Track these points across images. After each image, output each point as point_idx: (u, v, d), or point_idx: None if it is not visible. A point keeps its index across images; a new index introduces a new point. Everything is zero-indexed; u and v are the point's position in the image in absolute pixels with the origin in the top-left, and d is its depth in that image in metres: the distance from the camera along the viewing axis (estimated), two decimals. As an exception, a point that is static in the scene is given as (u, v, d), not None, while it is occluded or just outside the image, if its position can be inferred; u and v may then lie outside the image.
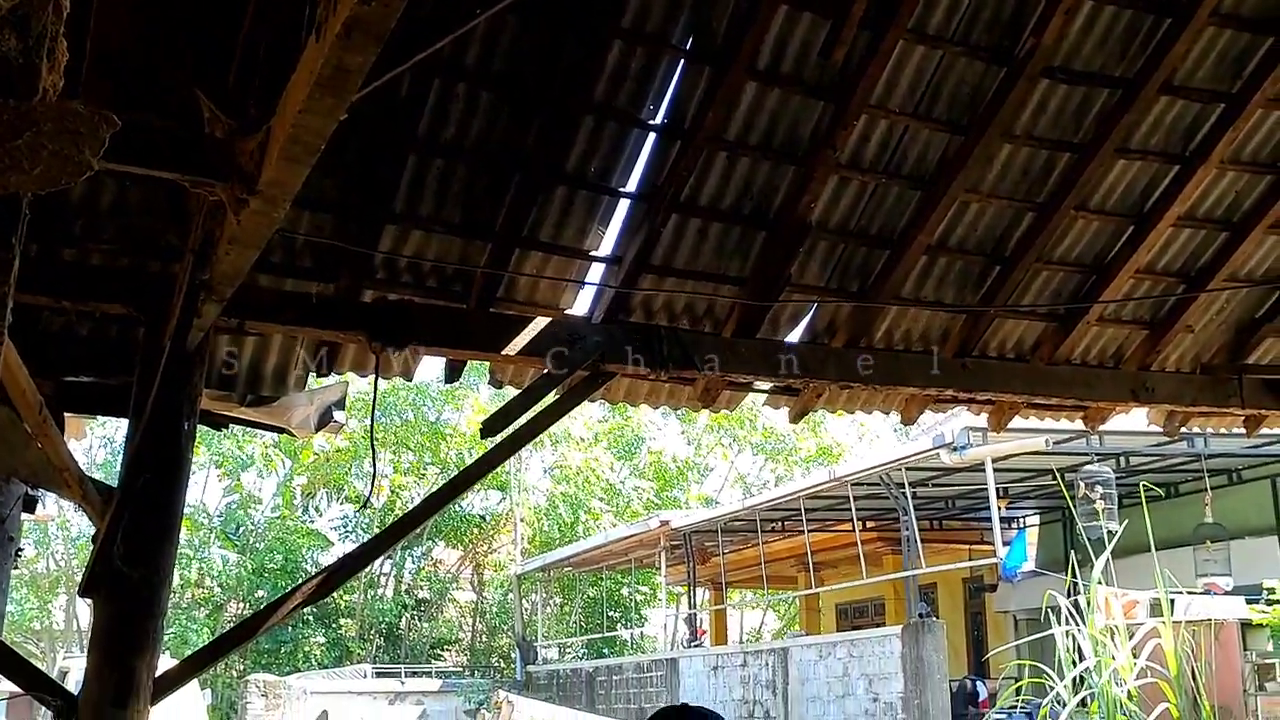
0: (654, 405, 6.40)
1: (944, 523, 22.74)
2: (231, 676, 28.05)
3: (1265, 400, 6.63)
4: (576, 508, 31.40)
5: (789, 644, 20.42)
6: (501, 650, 33.15)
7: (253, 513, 31.30)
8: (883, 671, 16.46)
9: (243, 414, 5.46)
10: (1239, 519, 17.09)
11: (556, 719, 13.61)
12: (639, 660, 24.82)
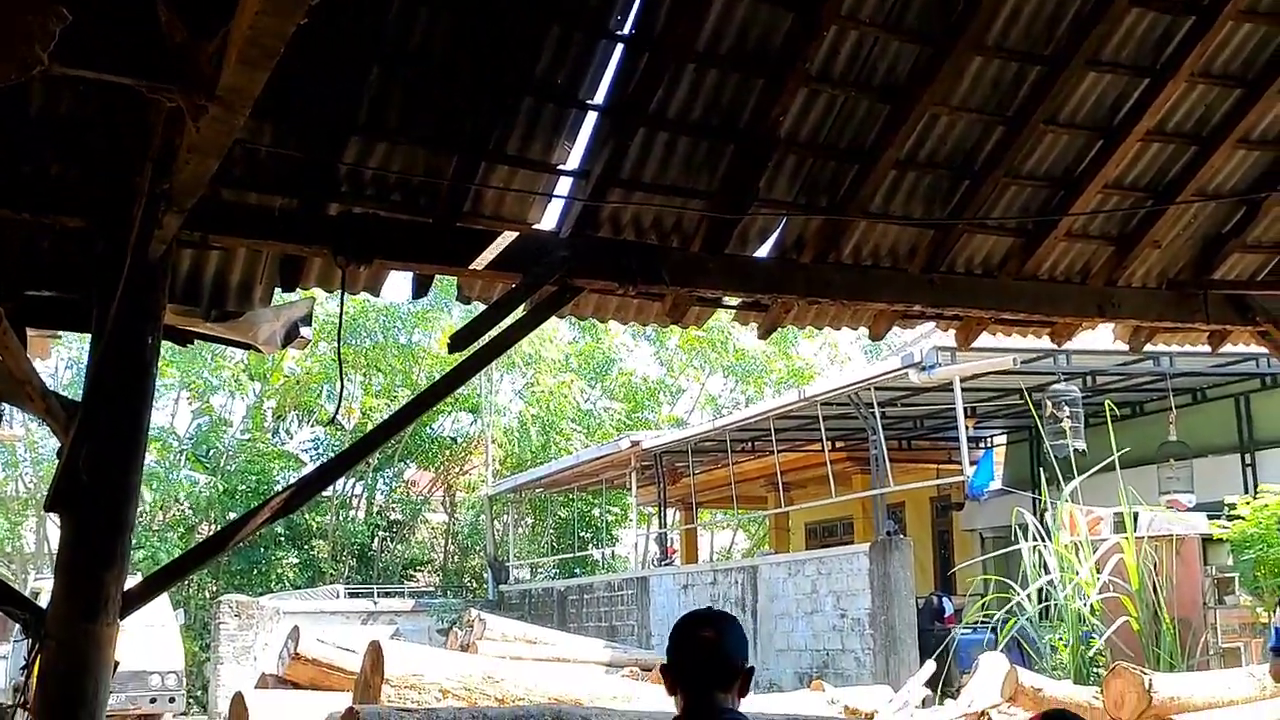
0: (622, 321, 6.39)
1: (912, 443, 22.93)
2: (204, 597, 28.15)
3: (1230, 316, 6.68)
4: (548, 429, 31.46)
5: (758, 562, 20.64)
6: (473, 571, 33.36)
7: (223, 435, 31.22)
8: (851, 588, 16.66)
9: (208, 329, 5.42)
10: (1202, 438, 17.31)
11: (528, 635, 13.72)
12: (610, 579, 25.04)
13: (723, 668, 3.16)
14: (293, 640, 7.76)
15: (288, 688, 7.60)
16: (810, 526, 26.83)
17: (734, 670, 3.17)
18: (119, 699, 17.24)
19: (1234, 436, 17.61)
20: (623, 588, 23.37)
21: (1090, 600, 12.73)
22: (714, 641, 3.20)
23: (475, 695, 6.48)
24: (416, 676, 6.35)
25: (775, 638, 18.15)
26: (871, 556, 16.23)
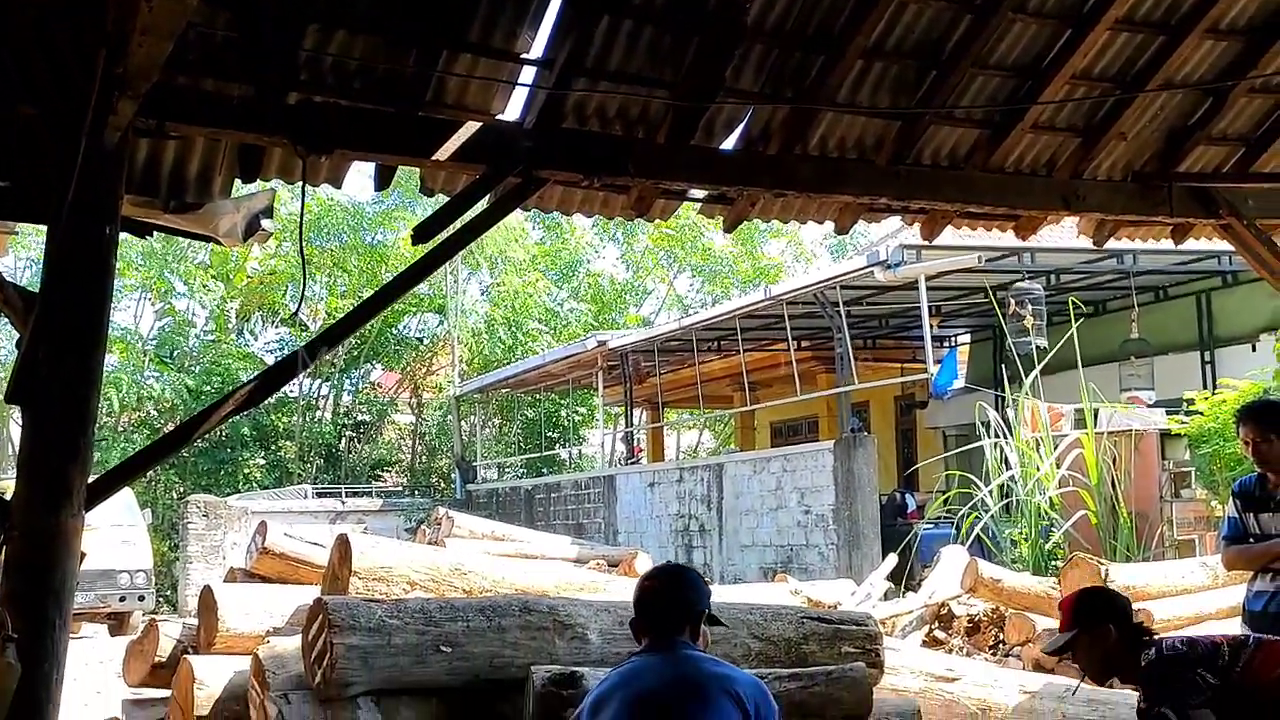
0: (587, 214, 6.35)
1: (877, 342, 23.06)
2: (172, 498, 28.20)
3: (1193, 209, 6.70)
4: (514, 330, 31.43)
5: (724, 460, 20.83)
6: (441, 471, 33.52)
7: (187, 336, 31.04)
8: (815, 485, 16.86)
9: (167, 221, 5.35)
10: (1164, 335, 17.49)
11: (496, 532, 13.81)
12: (577, 478, 25.23)
13: (680, 613, 3.61)
14: (260, 535, 7.77)
15: (256, 582, 7.63)
16: (776, 426, 27.05)
17: (691, 616, 3.62)
18: (89, 597, 17.34)
19: (1194, 334, 17.79)
20: (590, 486, 23.57)
21: (1050, 495, 12.94)
22: (669, 591, 3.70)
23: (443, 587, 6.53)
24: (384, 569, 6.38)
25: (740, 534, 18.39)
26: (836, 454, 16.40)
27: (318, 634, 5.25)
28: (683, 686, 3.37)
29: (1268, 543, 5.51)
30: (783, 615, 6.40)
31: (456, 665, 5.42)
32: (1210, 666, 4.07)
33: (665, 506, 20.45)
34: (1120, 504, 12.64)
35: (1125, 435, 13.14)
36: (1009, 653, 9.83)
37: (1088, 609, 4.33)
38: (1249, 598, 5.62)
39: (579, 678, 5.29)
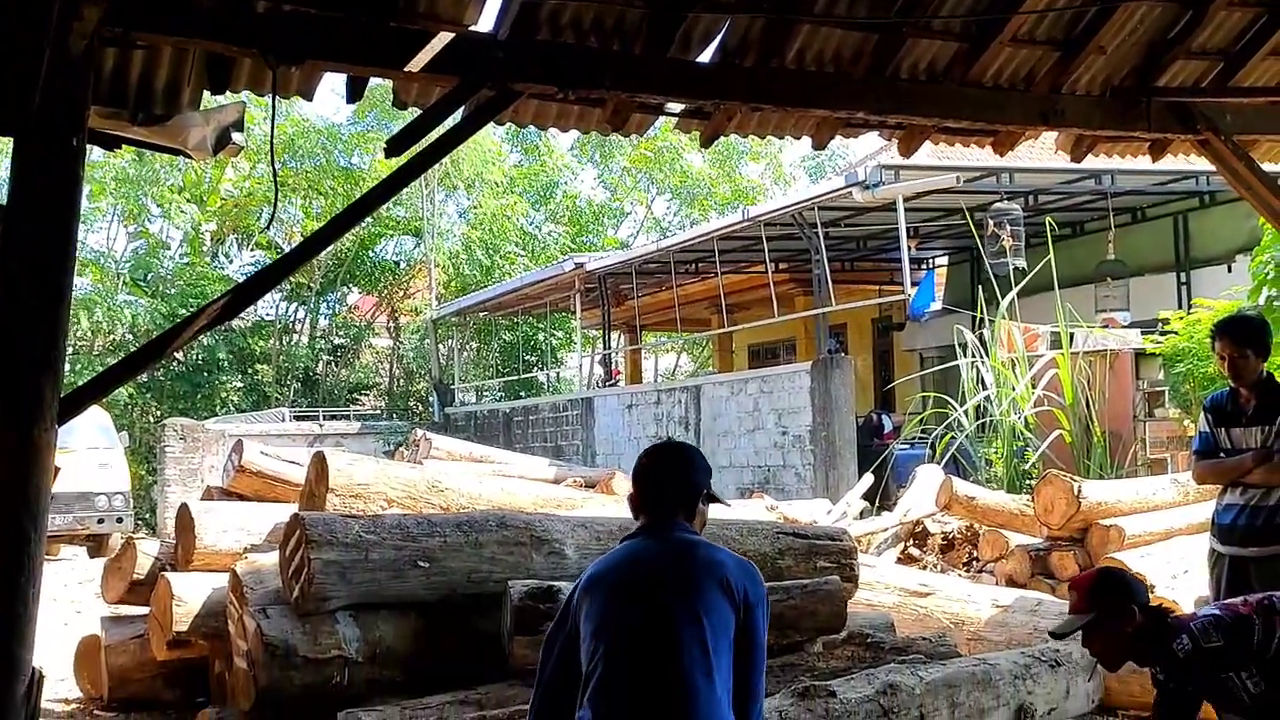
0: (563, 128, 6.27)
1: (855, 264, 23.03)
2: (148, 422, 28.14)
3: (1171, 124, 6.66)
4: (492, 253, 31.27)
5: (701, 381, 20.88)
6: (419, 394, 33.52)
7: (161, 259, 30.77)
8: (792, 406, 16.93)
9: (135, 133, 5.26)
10: (1140, 256, 17.53)
11: (474, 454, 13.85)
12: (555, 401, 25.27)
13: (678, 491, 3.48)
14: (236, 453, 7.77)
15: (233, 500, 7.65)
16: (753, 348, 27.09)
17: (690, 495, 3.49)
18: (66, 520, 17.36)
19: (1171, 255, 17.84)
20: (568, 409, 23.62)
21: (1025, 415, 13.02)
22: (669, 467, 3.56)
23: (420, 504, 6.56)
24: (361, 486, 6.40)
25: (718, 455, 18.47)
26: (813, 375, 16.45)
27: (295, 550, 5.28)
28: (673, 575, 3.33)
29: (1238, 457, 5.55)
30: (759, 530, 6.46)
31: (434, 580, 5.46)
32: (1246, 653, 3.87)
33: (643, 428, 20.52)
34: (1094, 423, 12.74)
35: (1100, 356, 13.22)
36: (982, 569, 9.95)
37: (1107, 590, 4.05)
38: (1218, 511, 5.67)
39: (556, 592, 5.33)
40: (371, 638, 5.30)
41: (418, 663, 5.39)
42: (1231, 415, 5.64)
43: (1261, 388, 5.58)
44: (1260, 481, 5.49)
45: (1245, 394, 5.59)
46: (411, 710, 4.91)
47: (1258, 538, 5.47)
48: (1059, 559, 9.19)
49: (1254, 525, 5.49)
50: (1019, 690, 5.34)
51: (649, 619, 3.25)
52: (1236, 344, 5.56)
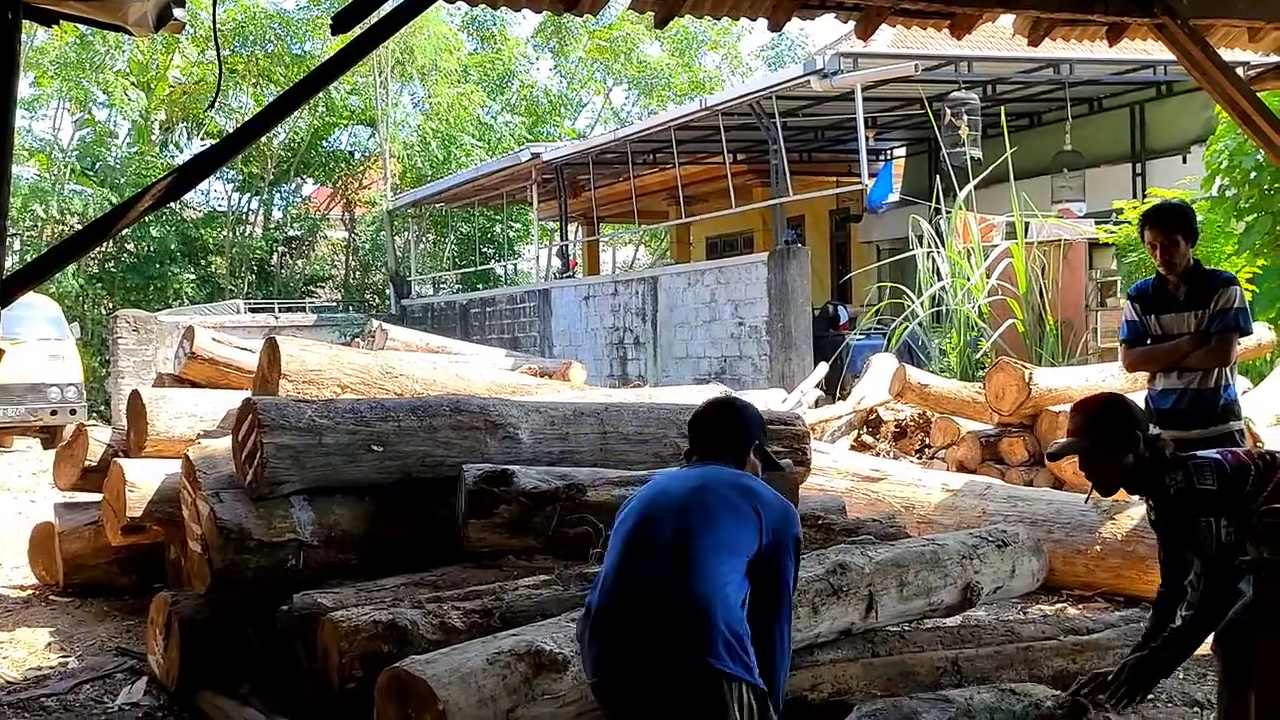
0: (514, 6, 6.13)
1: (813, 155, 22.94)
2: (100, 314, 27.85)
3: (1128, 7, 6.58)
4: (447, 143, 30.88)
5: (659, 273, 20.85)
6: (375, 287, 33.31)
7: (109, 148, 30.19)
8: (748, 297, 16.96)
9: (73, 8, 5.09)
10: (1096, 147, 17.55)
11: (431, 344, 13.79)
12: (512, 292, 25.19)
13: (727, 436, 3.57)
14: (188, 340, 7.69)
15: (185, 387, 7.59)
16: (711, 240, 27.04)
17: (737, 440, 3.56)
18: (19, 411, 17.27)
19: (1127, 146, 17.88)
20: (525, 300, 23.56)
21: (979, 304, 13.11)
22: (722, 417, 3.68)
23: (374, 390, 6.53)
24: (315, 372, 6.36)
25: (674, 346, 18.54)
26: (769, 265, 16.46)
27: (248, 434, 5.25)
28: (701, 484, 3.36)
29: (1173, 342, 5.63)
30: (712, 415, 6.48)
31: (388, 464, 5.45)
32: (1233, 502, 3.84)
33: (600, 320, 20.52)
34: (1047, 313, 12.85)
35: (1054, 246, 13.29)
36: (934, 455, 10.10)
37: (1111, 417, 3.99)
38: (1154, 396, 5.75)
39: (510, 475, 5.35)
40: (326, 521, 5.30)
41: (372, 546, 5.40)
42: (1160, 302, 5.71)
43: (1191, 274, 5.66)
44: (1199, 364, 5.58)
45: (1175, 281, 5.65)
46: (366, 592, 4.93)
47: (1201, 419, 5.57)
48: (1009, 445, 9.33)
49: (1196, 408, 5.59)
50: (966, 570, 5.43)
51: (664, 523, 3.28)
52: (1166, 231, 5.61)
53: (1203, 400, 5.60)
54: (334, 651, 4.39)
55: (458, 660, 3.92)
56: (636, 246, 37.79)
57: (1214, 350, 5.57)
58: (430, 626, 4.52)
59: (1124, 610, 6.08)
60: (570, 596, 4.82)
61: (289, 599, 4.84)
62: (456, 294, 28.69)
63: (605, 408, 6.30)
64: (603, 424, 6.08)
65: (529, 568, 5.24)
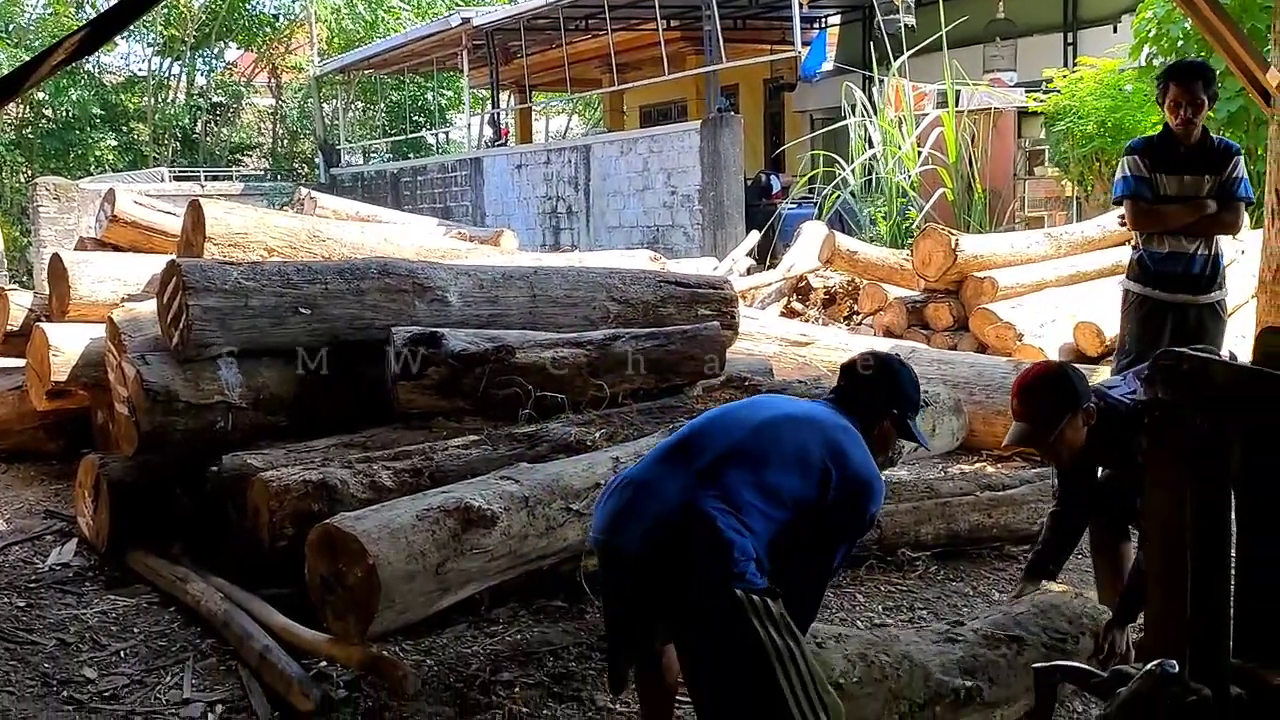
0: None
1: (747, 22, 22.62)
2: (19, 182, 27.13)
3: None
4: (375, 7, 30.09)
5: (591, 141, 20.64)
6: (304, 156, 32.68)
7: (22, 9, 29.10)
8: (681, 165, 16.88)
9: None
10: (1029, 16, 17.49)
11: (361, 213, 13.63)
12: (444, 161, 24.83)
13: (858, 390, 3.42)
14: (109, 203, 7.55)
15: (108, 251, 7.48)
16: (645, 109, 26.75)
17: (867, 399, 3.39)
18: (-64, 284, 16.91)
19: (1059, 15, 17.82)
20: (456, 169, 23.27)
21: (910, 174, 13.17)
22: (866, 367, 3.50)
23: (300, 253, 6.47)
24: (240, 235, 6.28)
25: (607, 215, 18.47)
26: (702, 134, 16.37)
27: (173, 296, 5.21)
28: (774, 414, 3.22)
29: (1194, 203, 5.49)
30: (642, 279, 6.53)
31: (316, 327, 5.45)
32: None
33: (533, 189, 20.35)
34: (976, 182, 12.94)
35: (985, 115, 13.34)
36: (862, 321, 10.23)
37: (1047, 392, 3.77)
38: (1155, 258, 5.59)
39: (439, 338, 5.37)
40: (254, 383, 5.30)
41: (302, 408, 5.42)
42: (1170, 161, 5.55)
43: (1204, 138, 5.54)
44: (1215, 231, 5.50)
45: (1188, 143, 5.51)
46: (296, 453, 4.97)
47: (1205, 285, 5.55)
48: (934, 310, 9.47)
49: (1204, 274, 5.54)
50: (887, 428, 5.56)
51: (717, 438, 3.14)
52: (1191, 89, 5.41)
53: (1209, 266, 5.56)
54: (264, 511, 4.44)
55: (387, 516, 3.98)
56: (570, 116, 37.30)
57: (1230, 219, 5.52)
58: (360, 485, 4.58)
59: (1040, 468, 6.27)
60: (499, 456, 4.89)
61: (218, 460, 4.87)
62: (387, 163, 28.24)
63: (534, 271, 6.31)
64: (532, 287, 6.09)
65: (458, 428, 5.30)
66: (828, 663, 3.29)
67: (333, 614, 3.88)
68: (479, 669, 4.19)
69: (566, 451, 4.93)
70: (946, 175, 12.97)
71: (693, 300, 6.50)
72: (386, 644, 4.28)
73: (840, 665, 3.34)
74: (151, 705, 3.96)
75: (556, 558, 4.49)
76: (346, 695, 3.97)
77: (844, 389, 3.45)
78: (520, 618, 4.65)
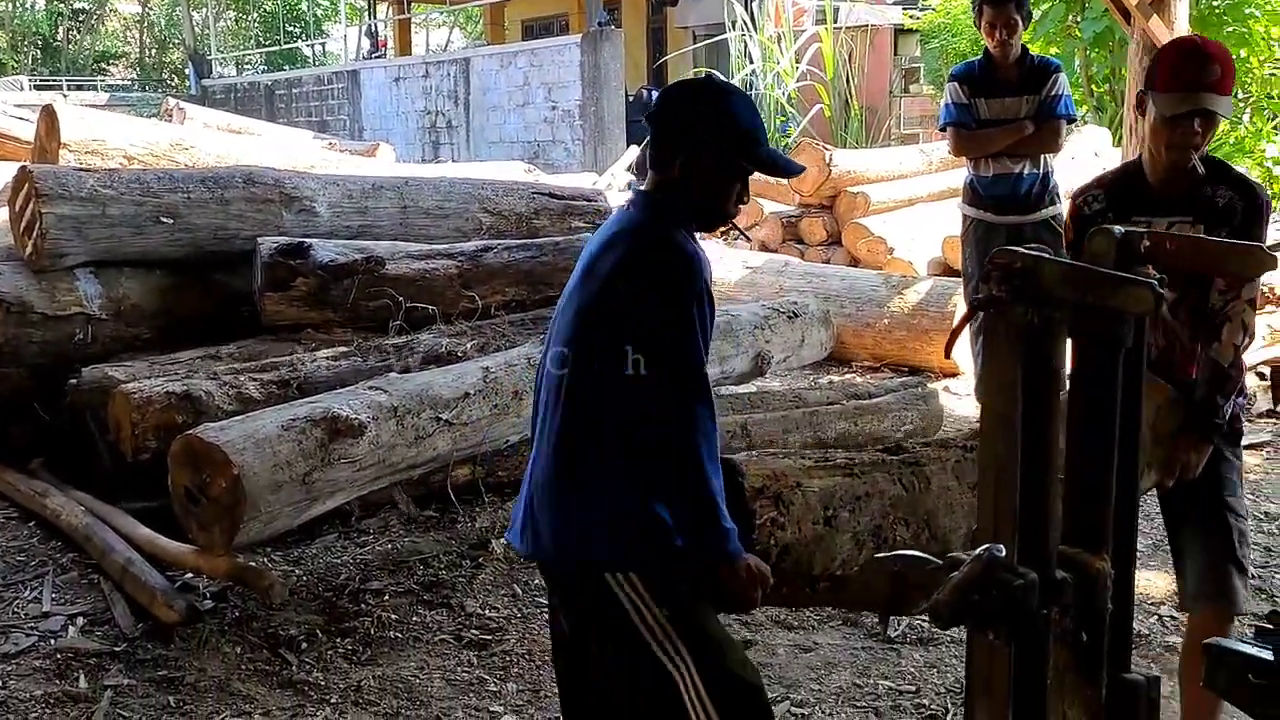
0: None
1: (630, -65, 22.40)
2: None
3: None
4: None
5: (470, 54, 20.31)
6: (174, 66, 31.67)
7: None
8: (562, 80, 16.71)
9: None
10: (908, -66, 17.57)
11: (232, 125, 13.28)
12: (320, 73, 24.24)
13: (662, 139, 2.44)
14: (-42, 110, 7.26)
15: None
16: (526, 24, 26.31)
17: (669, 142, 2.42)
18: None
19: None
20: (333, 82, 22.72)
21: (789, 90, 13.23)
22: (663, 103, 2.52)
23: (163, 162, 6.30)
24: (98, 142, 6.09)
25: (487, 130, 18.25)
26: (583, 48, 16.21)
27: (25, 204, 5.05)
28: (582, 271, 2.45)
29: (1012, 126, 5.54)
30: (514, 191, 6.49)
31: (179, 237, 5.32)
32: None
33: (412, 103, 19.99)
34: (853, 98, 13.05)
35: (862, 31, 13.42)
36: (738, 236, 10.29)
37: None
38: (983, 182, 5.67)
39: (307, 248, 5.29)
40: (115, 295, 5.17)
41: (166, 320, 5.31)
42: (990, 86, 5.60)
43: (1021, 59, 5.60)
44: (1035, 150, 5.56)
45: (1006, 65, 5.56)
46: (160, 365, 4.87)
47: (1034, 204, 5.63)
48: (808, 225, 9.56)
49: (1031, 192, 5.61)
50: (757, 339, 5.65)
51: (552, 333, 2.49)
52: (1005, 11, 5.44)
53: (1037, 185, 5.62)
54: (126, 423, 4.36)
55: (252, 427, 3.94)
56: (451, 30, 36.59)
57: (1049, 137, 5.58)
58: (226, 397, 4.52)
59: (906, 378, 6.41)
60: (369, 368, 4.86)
61: (78, 373, 4.75)
62: (261, 75, 27.46)
63: (405, 182, 6.24)
64: (402, 198, 6.02)
65: (328, 340, 5.24)
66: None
67: (198, 525, 3.84)
68: (348, 578, 4.19)
69: (437, 362, 4.92)
70: (824, 92, 13.06)
71: (566, 212, 6.48)
72: (254, 555, 4.26)
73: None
74: (9, 620, 3.89)
75: (426, 468, 4.50)
76: (213, 606, 3.95)
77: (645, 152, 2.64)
78: (391, 528, 4.65)
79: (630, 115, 16.69)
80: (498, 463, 4.80)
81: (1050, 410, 1.97)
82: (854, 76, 13.07)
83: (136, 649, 3.70)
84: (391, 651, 3.74)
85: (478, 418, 4.50)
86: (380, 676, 3.58)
